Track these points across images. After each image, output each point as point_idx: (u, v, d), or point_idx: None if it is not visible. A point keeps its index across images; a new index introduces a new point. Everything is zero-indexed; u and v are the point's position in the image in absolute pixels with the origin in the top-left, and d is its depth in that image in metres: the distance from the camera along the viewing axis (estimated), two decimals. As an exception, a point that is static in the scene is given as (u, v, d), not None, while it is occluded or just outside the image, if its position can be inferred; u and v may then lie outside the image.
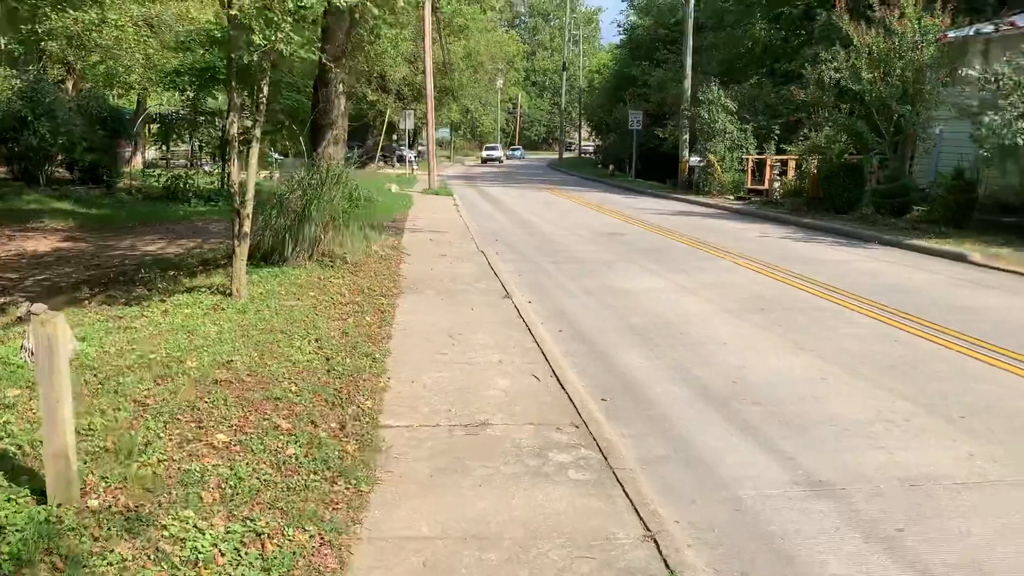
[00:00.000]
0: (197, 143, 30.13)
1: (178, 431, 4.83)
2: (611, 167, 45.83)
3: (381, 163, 52.97)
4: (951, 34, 18.88)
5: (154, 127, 31.32)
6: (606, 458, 4.91)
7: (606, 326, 8.96)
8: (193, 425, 4.92)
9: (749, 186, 26.27)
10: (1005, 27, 18.25)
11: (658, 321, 9.17)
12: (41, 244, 14.50)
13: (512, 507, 4.27)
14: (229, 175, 8.30)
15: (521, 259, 13.94)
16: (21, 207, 19.09)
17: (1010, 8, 21.06)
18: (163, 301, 8.31)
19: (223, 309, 7.83)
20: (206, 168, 30.75)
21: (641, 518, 4.18)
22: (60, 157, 23.10)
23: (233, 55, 7.58)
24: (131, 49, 29.72)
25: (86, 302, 8.94)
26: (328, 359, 6.58)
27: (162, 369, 5.84)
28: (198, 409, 5.15)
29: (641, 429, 5.78)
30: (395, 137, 52.30)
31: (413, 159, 45.78)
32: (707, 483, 4.90)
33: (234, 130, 8.09)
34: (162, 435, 4.75)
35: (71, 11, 24.11)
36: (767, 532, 4.31)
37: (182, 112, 25.67)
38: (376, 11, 9.27)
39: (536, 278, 12.01)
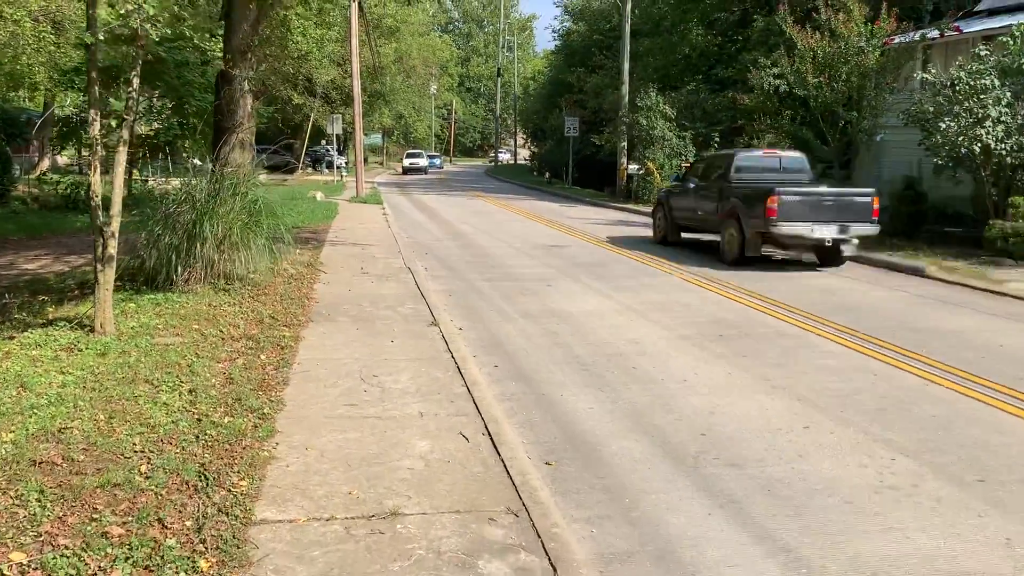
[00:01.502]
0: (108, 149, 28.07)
1: (-45, 549, 3.43)
2: (547, 174, 44.88)
3: (309, 169, 51.10)
4: (896, 39, 18.31)
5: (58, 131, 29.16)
6: (555, 567, 3.68)
7: (548, 359, 7.76)
8: (-21, 538, 3.53)
9: (690, 195, 25.44)
10: (951, 32, 17.74)
11: (607, 352, 8.01)
12: (-99, 262, 12.64)
13: (425, 662, 3.00)
14: (89, 186, 6.82)
15: (453, 276, 12.67)
16: None
17: (944, 15, 20.63)
18: (11, 338, 6.80)
19: (80, 350, 6.36)
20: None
21: (608, 676, 2.96)
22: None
23: (90, 39, 6.17)
24: (29, 46, 27.58)
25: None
26: (201, 419, 5.20)
27: (-36, 445, 4.41)
28: (-6, 511, 3.75)
29: (598, 508, 4.57)
30: (324, 142, 50.42)
31: (343, 165, 44.05)
32: (687, 594, 3.71)
33: (95, 131, 6.64)
34: (-72, 558, 3.35)
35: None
36: None
37: (83, 114, 23.67)
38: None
39: (468, 299, 10.76)
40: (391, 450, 5.05)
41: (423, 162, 59.92)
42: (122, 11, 5.64)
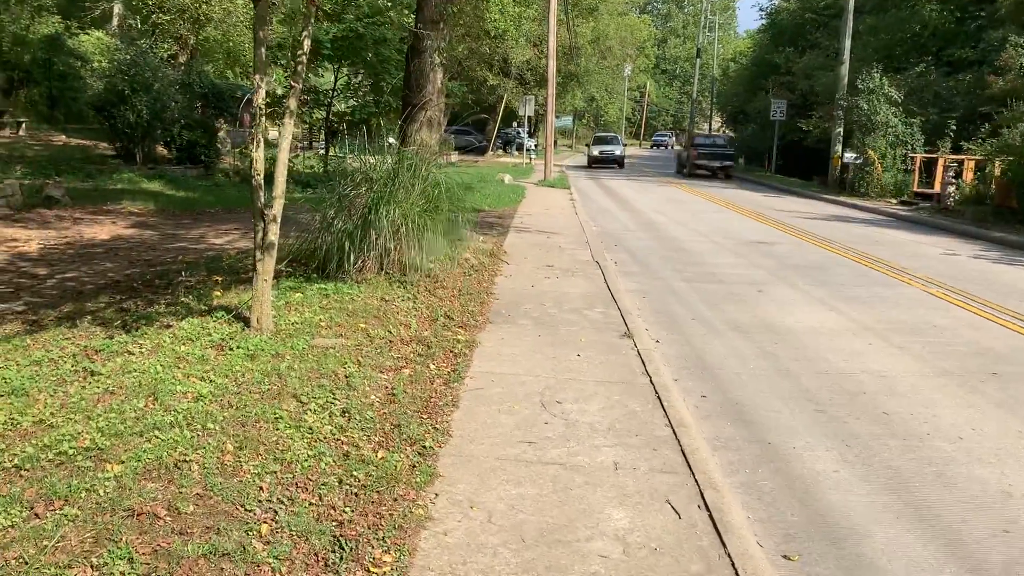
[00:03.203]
0: (305, 124, 28.68)
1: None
2: (741, 159, 42.60)
3: (500, 151, 51.00)
4: None
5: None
6: None
7: (770, 391, 6.29)
8: (36, 632, 2.66)
9: (915, 189, 22.60)
10: None
11: (846, 387, 6.42)
12: (103, 231, 12.91)
13: None
14: (252, 161, 6.09)
15: (646, 273, 11.32)
16: (108, 187, 17.83)
17: None
18: (168, 327, 6.21)
19: (230, 349, 5.62)
20: (322, 151, 29.35)
21: None
22: (158, 134, 21.86)
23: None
24: (240, 23, 28.64)
25: (87, 317, 6.96)
26: (348, 453, 4.23)
27: (62, 479, 3.62)
28: (64, 587, 2.89)
29: (870, 651, 3.17)
30: (515, 124, 50.04)
31: (532, 148, 43.34)
32: None
33: (259, 99, 5.90)
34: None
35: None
36: None
37: (282, 91, 24.15)
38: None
39: (665, 303, 9.40)
40: (578, 521, 3.86)
41: (618, 150, 43.38)
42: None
